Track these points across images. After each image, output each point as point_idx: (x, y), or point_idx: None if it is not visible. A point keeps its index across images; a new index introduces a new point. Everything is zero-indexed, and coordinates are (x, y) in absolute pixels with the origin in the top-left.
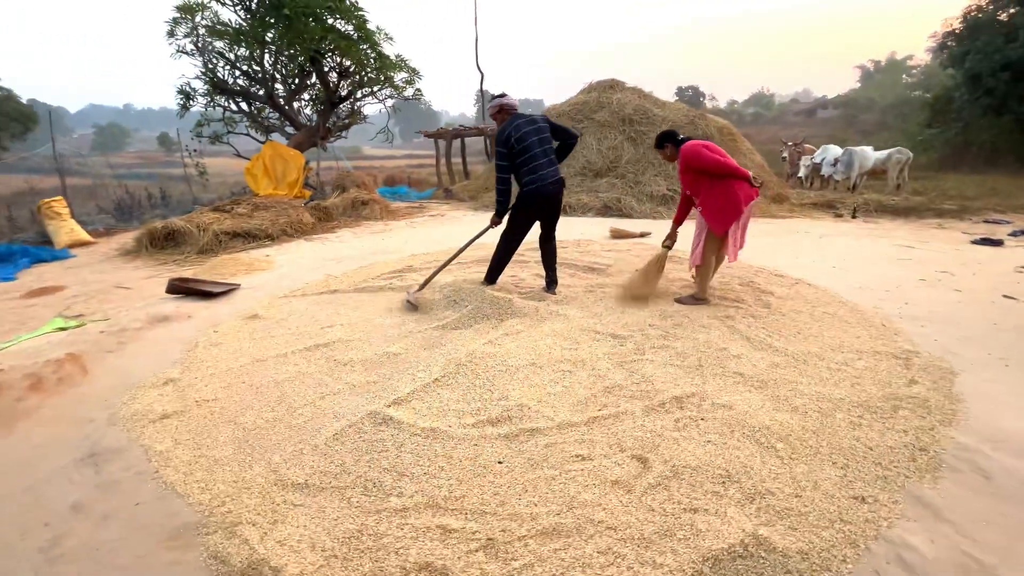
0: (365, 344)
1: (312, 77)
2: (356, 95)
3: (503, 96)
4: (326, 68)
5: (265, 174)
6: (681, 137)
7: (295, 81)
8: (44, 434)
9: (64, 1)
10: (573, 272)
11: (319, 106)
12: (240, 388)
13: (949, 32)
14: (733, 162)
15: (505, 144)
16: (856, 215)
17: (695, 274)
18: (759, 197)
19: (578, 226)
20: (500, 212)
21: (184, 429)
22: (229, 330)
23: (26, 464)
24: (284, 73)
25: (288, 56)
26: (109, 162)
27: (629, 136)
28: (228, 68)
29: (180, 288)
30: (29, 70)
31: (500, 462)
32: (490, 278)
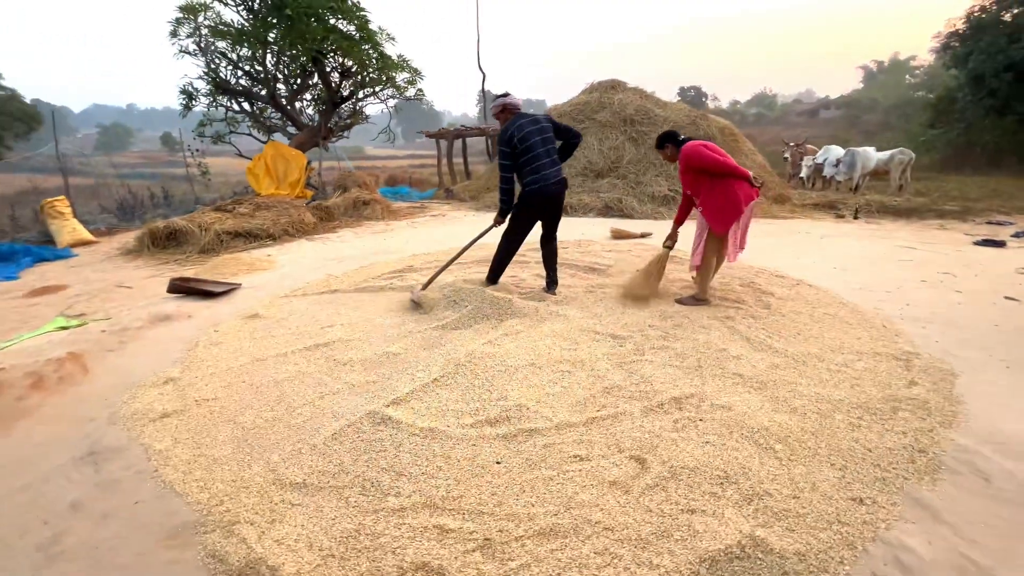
0: (365, 344)
1: (314, 77)
2: (358, 95)
3: (506, 96)
4: (328, 68)
5: (267, 174)
6: (682, 137)
7: (297, 81)
8: (44, 432)
9: (68, 1)
10: (574, 272)
11: (321, 106)
12: (240, 387)
13: (952, 32)
14: (733, 161)
15: (508, 144)
16: (858, 216)
17: (695, 275)
18: (760, 197)
19: (579, 226)
20: (503, 211)
21: (184, 428)
22: (229, 329)
23: (26, 462)
24: (286, 73)
25: (290, 56)
26: (112, 162)
27: (630, 136)
28: (230, 68)
29: (181, 287)
30: (33, 70)
31: (498, 462)
32: (491, 278)
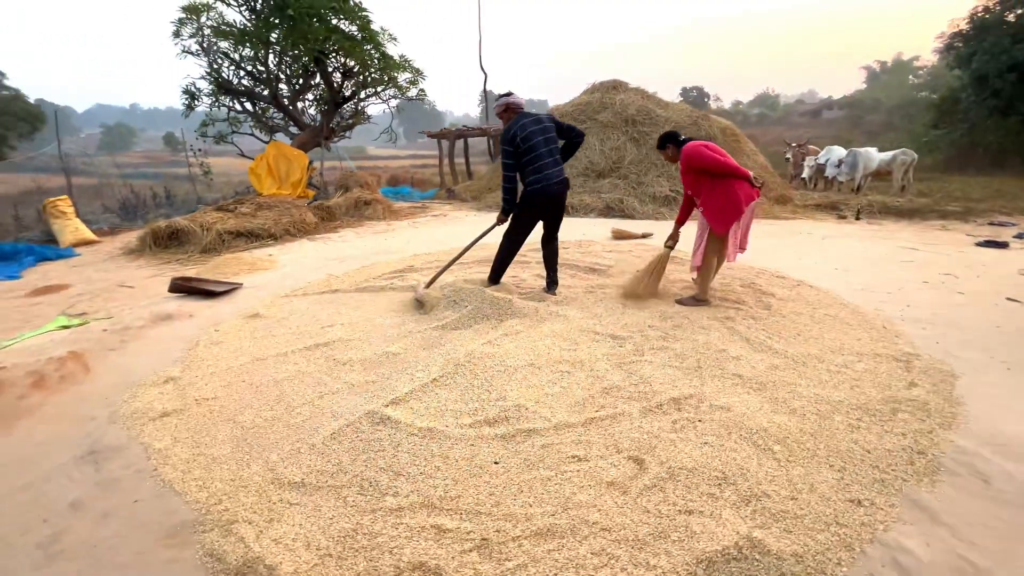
0: (365, 344)
1: (316, 77)
2: (360, 95)
3: (509, 95)
4: (330, 68)
5: (269, 174)
6: (683, 138)
7: (299, 81)
8: (45, 431)
9: (72, 1)
10: (574, 273)
11: (323, 106)
12: (240, 387)
13: (956, 32)
14: (733, 162)
15: (511, 143)
16: (860, 217)
17: (696, 275)
18: (760, 197)
19: (580, 227)
20: (506, 210)
21: (183, 427)
22: (230, 329)
23: (27, 461)
24: (288, 73)
25: (292, 56)
26: (115, 161)
27: (632, 137)
28: (233, 68)
29: (183, 287)
30: (37, 70)
31: (496, 462)
32: (493, 278)
